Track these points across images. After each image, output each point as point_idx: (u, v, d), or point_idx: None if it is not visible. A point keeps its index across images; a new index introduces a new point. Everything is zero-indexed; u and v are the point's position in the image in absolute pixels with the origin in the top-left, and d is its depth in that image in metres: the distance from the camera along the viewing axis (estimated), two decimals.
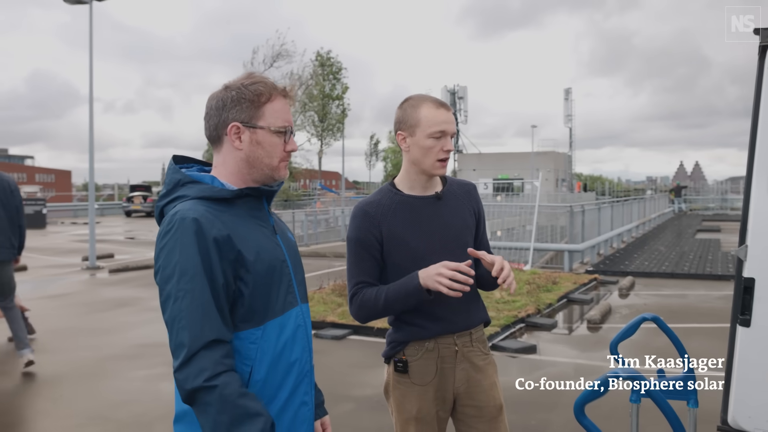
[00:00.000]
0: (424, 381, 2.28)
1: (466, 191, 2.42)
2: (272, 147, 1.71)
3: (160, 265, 1.58)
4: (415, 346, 2.29)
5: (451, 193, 2.37)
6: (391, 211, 2.28)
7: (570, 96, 59.28)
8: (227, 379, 1.49)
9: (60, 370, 6.23)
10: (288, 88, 1.75)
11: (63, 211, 36.94)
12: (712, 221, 29.66)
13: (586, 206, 14.82)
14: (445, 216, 2.31)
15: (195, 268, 1.53)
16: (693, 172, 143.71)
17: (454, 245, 2.27)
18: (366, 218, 2.27)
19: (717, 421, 2.98)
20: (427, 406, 2.29)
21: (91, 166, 15.02)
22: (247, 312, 1.62)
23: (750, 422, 2.77)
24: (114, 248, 17.55)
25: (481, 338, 2.38)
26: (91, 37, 14.58)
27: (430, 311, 2.26)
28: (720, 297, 10.06)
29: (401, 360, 2.30)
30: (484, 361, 2.35)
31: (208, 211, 1.60)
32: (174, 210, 1.61)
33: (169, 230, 1.57)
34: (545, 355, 6.72)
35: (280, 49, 36.77)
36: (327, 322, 7.80)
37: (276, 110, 1.71)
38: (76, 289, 11.35)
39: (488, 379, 2.33)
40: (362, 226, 2.27)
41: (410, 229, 2.27)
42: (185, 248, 1.54)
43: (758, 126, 2.72)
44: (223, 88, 1.72)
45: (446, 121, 2.25)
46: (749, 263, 2.74)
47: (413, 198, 2.31)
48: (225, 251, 1.58)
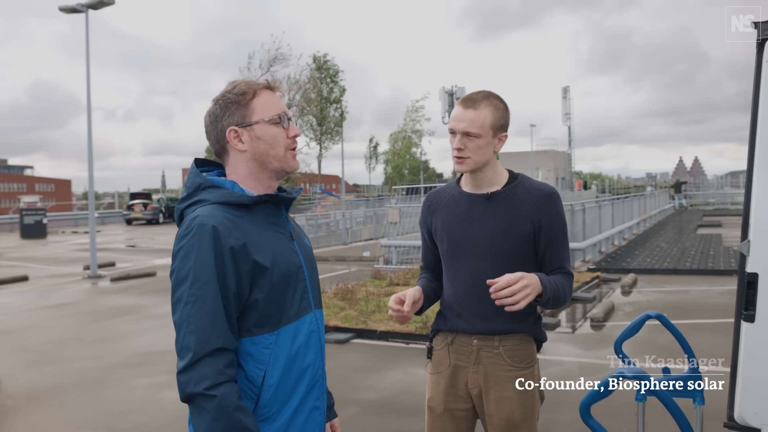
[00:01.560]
0: (438, 370, 2.33)
1: (532, 198, 2.22)
2: (273, 137, 1.72)
3: (175, 266, 1.61)
4: (441, 336, 2.36)
5: (507, 196, 2.23)
6: (443, 204, 2.34)
7: (568, 94, 59.26)
8: (227, 390, 1.52)
9: (62, 379, 6.22)
10: (270, 80, 1.77)
11: (63, 220, 36.99)
12: (713, 216, 29.65)
13: (587, 204, 14.81)
14: (487, 217, 2.23)
15: (209, 275, 1.56)
16: (692, 168, 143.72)
17: (486, 248, 2.21)
18: (425, 207, 2.42)
19: (723, 418, 2.96)
20: (437, 396, 2.31)
21: (91, 175, 15.02)
22: (261, 317, 1.64)
23: (757, 418, 2.75)
24: (115, 256, 17.55)
25: (513, 349, 2.24)
26: (87, 45, 14.60)
27: (456, 307, 2.29)
28: (723, 292, 10.04)
29: (430, 347, 2.40)
30: (505, 373, 2.23)
31: (227, 217, 1.62)
32: (194, 214, 1.63)
33: (188, 233, 1.60)
34: (549, 355, 6.70)
35: (276, 53, 36.84)
36: (330, 326, 7.78)
37: (264, 102, 1.73)
38: (78, 298, 11.34)
39: (499, 392, 2.23)
40: (422, 214, 2.43)
41: (450, 224, 2.29)
42: (201, 254, 1.56)
43: (758, 120, 2.70)
44: (212, 103, 1.75)
45: (455, 118, 2.20)
46: (752, 258, 2.73)
47: (465, 195, 2.30)
48: (240, 260, 1.60)
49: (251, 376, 1.63)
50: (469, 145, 2.17)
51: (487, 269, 2.19)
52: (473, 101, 2.19)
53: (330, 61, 44.87)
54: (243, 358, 1.63)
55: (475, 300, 2.22)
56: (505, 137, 2.24)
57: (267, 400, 1.64)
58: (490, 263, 2.19)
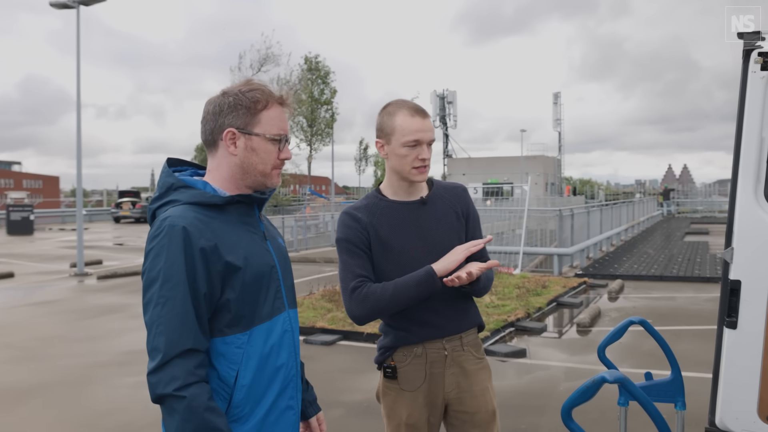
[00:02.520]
0: (413, 387, 2.28)
1: (453, 194, 2.39)
2: (266, 154, 1.72)
3: (146, 267, 1.61)
4: (404, 351, 2.29)
5: (437, 197, 2.35)
6: (377, 217, 2.28)
7: (559, 100, 59.61)
8: (197, 390, 1.53)
9: (47, 378, 6.17)
10: (285, 95, 1.76)
11: (51, 217, 36.73)
12: (701, 224, 29.85)
13: (575, 210, 14.88)
14: (429, 221, 2.29)
15: (179, 276, 1.56)
16: (681, 175, 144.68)
17: (439, 249, 2.25)
18: (354, 221, 2.27)
19: (705, 423, 2.98)
20: (417, 412, 2.28)
21: (79, 172, 14.93)
22: (234, 317, 1.64)
23: (737, 423, 2.78)
24: (102, 254, 17.45)
25: (473, 342, 2.35)
26: (78, 41, 14.52)
27: (418, 316, 2.25)
28: (708, 299, 10.11)
29: (390, 366, 2.30)
30: (476, 366, 2.32)
31: (198, 218, 1.62)
32: (165, 215, 1.63)
33: (158, 234, 1.59)
34: (535, 359, 6.73)
35: (267, 52, 36.73)
36: (317, 327, 7.77)
37: (272, 118, 1.72)
38: (64, 296, 11.27)
39: (479, 385, 2.30)
40: (352, 227, 2.26)
41: (395, 233, 2.26)
42: (171, 255, 1.56)
43: (743, 129, 2.73)
44: (221, 93, 1.74)
45: (420, 129, 2.21)
46: (735, 265, 2.75)
47: (398, 203, 2.31)
48: (211, 261, 1.60)
49: (223, 376, 1.63)
50: (430, 154, 2.26)
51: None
52: (423, 110, 2.26)
53: (321, 62, 44.79)
54: (215, 358, 1.63)
55: (438, 303, 2.25)
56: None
57: (240, 400, 1.64)
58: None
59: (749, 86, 2.71)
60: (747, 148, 2.73)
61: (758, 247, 2.70)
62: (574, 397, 1.87)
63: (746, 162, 2.74)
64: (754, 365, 2.71)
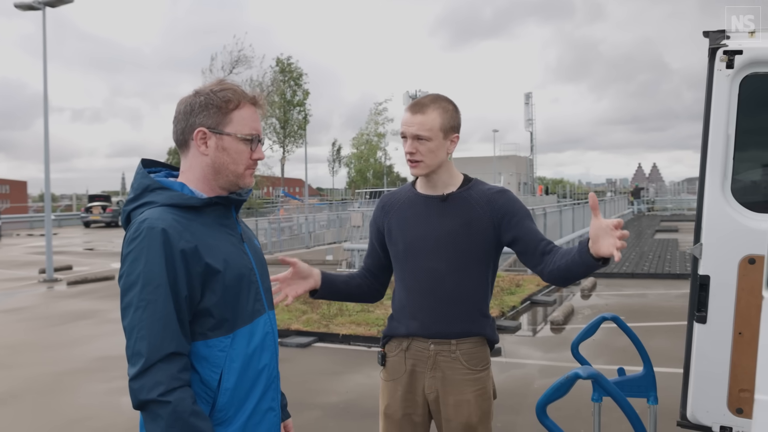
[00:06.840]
0: (394, 377, 2.31)
1: (486, 197, 2.25)
2: (238, 154, 1.70)
3: (124, 270, 1.57)
4: (395, 342, 2.33)
5: (462, 197, 2.26)
6: (398, 206, 2.34)
7: (530, 100, 60.03)
8: (182, 395, 1.50)
9: (16, 386, 6.05)
10: (257, 96, 1.74)
11: (18, 222, 36.07)
12: (670, 221, 30.30)
13: (548, 209, 15.01)
14: (443, 218, 2.24)
15: (159, 279, 1.53)
16: (651, 174, 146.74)
17: (443, 248, 2.22)
18: (379, 208, 2.41)
19: (677, 417, 3.03)
20: (394, 404, 2.29)
21: (47, 175, 14.66)
22: (216, 320, 1.63)
23: (708, 416, 2.83)
24: (72, 260, 17.16)
25: (468, 352, 2.24)
26: (44, 43, 14.27)
27: (411, 310, 2.27)
28: (679, 295, 10.27)
29: (382, 353, 2.37)
30: (462, 376, 2.23)
31: (176, 220, 1.59)
32: (142, 217, 1.60)
33: (137, 237, 1.56)
34: (510, 357, 6.76)
35: (239, 54, 36.52)
36: (291, 330, 7.74)
37: (244, 118, 1.70)
38: (33, 302, 11.06)
39: (457, 396, 2.22)
40: (375, 214, 2.42)
41: (406, 224, 2.29)
42: (151, 257, 1.53)
43: (710, 126, 2.78)
44: (193, 93, 1.72)
45: (404, 122, 2.21)
46: (704, 261, 2.80)
47: (420, 196, 2.30)
48: (191, 263, 1.58)
49: (206, 380, 1.61)
50: (420, 148, 2.19)
51: (442, 270, 2.21)
52: (421, 105, 2.21)
53: (294, 63, 44.60)
54: (198, 362, 1.61)
55: (431, 301, 2.22)
56: (457, 138, 2.26)
57: (224, 404, 1.63)
58: (445, 263, 2.21)
59: (715, 84, 2.76)
60: (714, 145, 2.78)
61: (726, 243, 2.75)
62: (549, 393, 1.89)
63: (713, 159, 2.79)
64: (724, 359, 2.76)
